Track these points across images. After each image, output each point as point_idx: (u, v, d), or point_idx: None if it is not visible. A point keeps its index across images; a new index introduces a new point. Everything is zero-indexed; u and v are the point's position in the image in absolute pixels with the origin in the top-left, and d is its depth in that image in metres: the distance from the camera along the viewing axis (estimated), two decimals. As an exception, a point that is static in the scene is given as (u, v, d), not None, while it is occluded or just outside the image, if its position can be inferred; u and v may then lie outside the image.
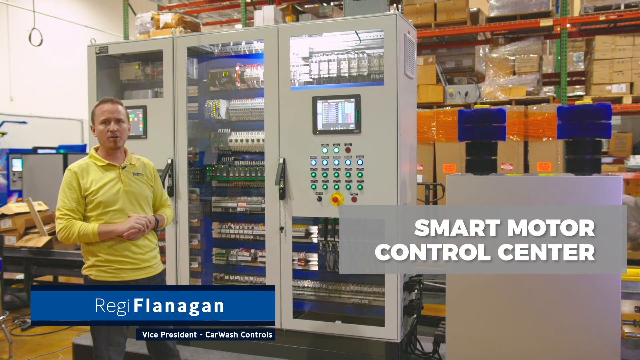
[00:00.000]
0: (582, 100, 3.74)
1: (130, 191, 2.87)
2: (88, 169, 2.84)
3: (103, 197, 2.79)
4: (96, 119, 2.86)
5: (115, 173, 2.86)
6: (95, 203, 2.78)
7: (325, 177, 3.67)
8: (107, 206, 2.79)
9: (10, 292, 6.16)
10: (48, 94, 13.12)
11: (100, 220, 2.78)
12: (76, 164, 2.85)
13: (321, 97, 3.66)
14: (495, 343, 3.09)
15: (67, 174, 2.82)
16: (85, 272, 2.85)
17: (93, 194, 2.78)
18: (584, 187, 2.93)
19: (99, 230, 2.73)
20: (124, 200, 2.84)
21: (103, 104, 2.86)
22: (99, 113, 2.85)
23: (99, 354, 2.80)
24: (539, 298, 3.00)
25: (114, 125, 2.82)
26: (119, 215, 2.81)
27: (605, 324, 2.88)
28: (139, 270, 2.85)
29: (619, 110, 6.60)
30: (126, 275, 2.81)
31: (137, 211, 2.88)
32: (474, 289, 3.13)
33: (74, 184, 2.78)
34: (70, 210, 2.76)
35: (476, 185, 3.15)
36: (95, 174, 2.83)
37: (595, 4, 6.70)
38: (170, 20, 4.98)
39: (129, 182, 2.88)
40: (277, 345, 3.85)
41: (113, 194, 2.81)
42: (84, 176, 2.81)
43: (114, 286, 2.76)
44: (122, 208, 2.82)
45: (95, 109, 2.88)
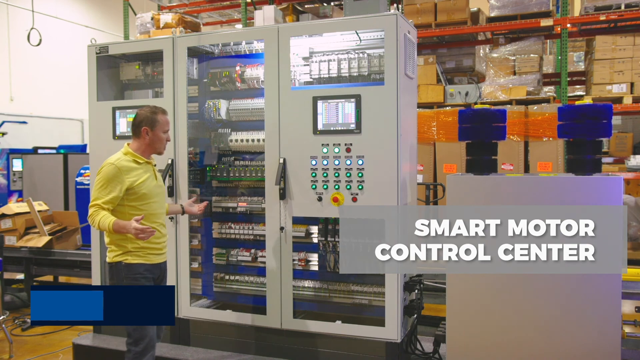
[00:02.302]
0: (582, 100, 3.74)
1: (161, 186, 3.35)
2: (129, 165, 3.13)
3: (147, 190, 3.16)
4: (160, 126, 3.20)
5: (150, 170, 3.24)
6: (140, 194, 3.12)
7: (326, 177, 3.67)
8: (150, 197, 3.18)
9: (10, 292, 6.16)
10: (48, 94, 13.12)
11: (142, 211, 3.12)
12: (118, 160, 3.12)
13: (321, 97, 3.66)
14: (496, 343, 3.09)
15: (109, 169, 3.08)
16: (117, 258, 3.14)
17: (138, 187, 3.11)
18: (584, 187, 2.92)
19: (113, 226, 2.99)
20: (158, 192, 3.27)
21: (165, 115, 3.26)
22: (164, 122, 3.23)
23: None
24: (539, 298, 3.00)
25: (169, 136, 3.31)
26: (157, 206, 3.23)
27: (605, 324, 2.88)
28: (161, 255, 3.26)
29: (620, 110, 6.60)
30: (155, 259, 3.21)
31: (164, 203, 3.37)
32: (474, 289, 3.13)
33: (117, 179, 3.06)
34: (103, 202, 3.04)
35: (476, 185, 3.15)
36: (136, 169, 3.15)
37: (595, 3, 6.69)
38: (170, 20, 4.97)
39: (159, 178, 3.33)
40: (277, 345, 3.85)
41: (152, 187, 3.21)
42: (128, 172, 3.10)
43: (147, 268, 3.15)
44: (158, 199, 3.25)
45: (159, 117, 3.20)
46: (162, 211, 3.30)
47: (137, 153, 3.19)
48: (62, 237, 6.02)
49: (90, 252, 4.67)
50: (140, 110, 3.23)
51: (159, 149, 3.25)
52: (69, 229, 6.12)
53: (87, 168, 6.94)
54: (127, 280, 3.11)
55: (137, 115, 3.21)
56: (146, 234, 2.93)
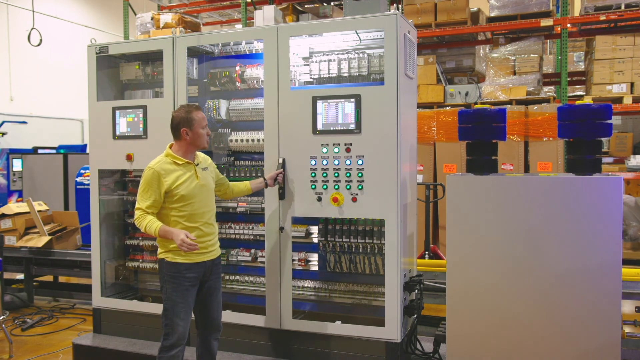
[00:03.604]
0: (582, 100, 3.73)
1: (204, 185, 3.29)
2: (168, 167, 3.18)
3: (185, 192, 3.16)
4: (197, 124, 3.22)
5: (191, 170, 3.23)
6: (178, 197, 3.15)
7: (325, 177, 3.66)
8: (190, 198, 3.18)
9: (10, 292, 6.15)
10: (48, 94, 13.12)
11: (183, 212, 3.16)
12: (157, 163, 3.18)
13: (321, 96, 3.66)
14: (496, 343, 3.09)
15: (148, 173, 3.15)
16: (161, 255, 3.22)
17: (176, 189, 3.14)
18: (585, 187, 2.92)
19: (159, 232, 3.08)
20: (200, 192, 3.24)
21: (200, 112, 3.27)
22: (200, 119, 3.24)
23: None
24: (539, 298, 2.99)
25: (208, 130, 3.31)
26: (199, 205, 3.22)
27: (605, 324, 2.88)
28: (205, 254, 3.25)
29: (620, 110, 6.60)
30: (197, 257, 3.20)
31: (209, 202, 3.31)
32: (474, 289, 3.13)
33: (155, 182, 3.13)
34: (146, 206, 3.13)
35: (476, 185, 3.15)
36: (176, 171, 3.18)
37: (595, 3, 6.69)
38: (170, 20, 4.97)
39: (202, 177, 3.28)
40: (277, 345, 3.85)
41: (192, 188, 3.20)
42: (166, 175, 3.15)
43: (188, 267, 3.18)
44: (200, 200, 3.23)
45: (195, 114, 3.22)
46: (206, 209, 3.28)
47: (178, 154, 3.23)
48: (62, 237, 6.02)
49: (90, 252, 4.68)
50: (175, 113, 3.27)
51: (202, 144, 3.27)
52: (68, 229, 6.12)
53: (87, 168, 6.94)
54: (168, 277, 3.18)
55: (174, 118, 3.25)
56: (189, 248, 3.00)
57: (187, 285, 3.18)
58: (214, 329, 3.40)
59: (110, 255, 4.66)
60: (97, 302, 4.49)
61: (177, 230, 3.07)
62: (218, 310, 3.39)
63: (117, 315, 4.40)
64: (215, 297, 3.36)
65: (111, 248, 4.67)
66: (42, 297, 6.32)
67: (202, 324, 3.39)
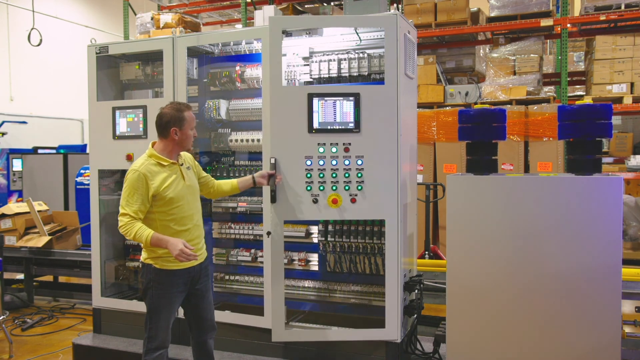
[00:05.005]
0: (582, 100, 3.73)
1: (190, 185, 3.17)
2: (154, 169, 3.02)
3: (173, 194, 3.03)
4: (187, 124, 3.09)
5: (177, 171, 3.11)
6: (167, 199, 3.01)
7: (322, 177, 3.53)
8: (178, 201, 3.05)
9: (10, 292, 6.16)
10: (48, 94, 13.12)
11: (172, 215, 3.03)
12: (141, 165, 3.01)
13: (317, 94, 3.52)
14: (496, 343, 3.09)
15: (134, 176, 2.98)
16: (148, 261, 3.08)
17: (164, 191, 3.00)
18: (585, 187, 2.92)
19: (151, 240, 2.92)
20: (187, 194, 3.12)
21: (190, 111, 3.13)
22: (191, 119, 3.11)
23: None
24: (539, 298, 2.99)
25: (195, 131, 3.19)
26: (187, 207, 3.10)
27: (605, 324, 2.88)
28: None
29: (620, 110, 6.60)
30: (187, 263, 3.06)
31: (196, 202, 3.21)
32: (474, 289, 3.13)
33: (142, 186, 2.97)
34: (133, 212, 2.95)
35: (476, 185, 3.15)
36: (161, 173, 3.04)
37: (595, 3, 6.69)
38: (170, 20, 4.97)
39: (188, 177, 3.17)
40: (278, 345, 3.85)
41: (180, 189, 3.08)
42: (152, 177, 3.00)
43: (177, 274, 3.07)
44: (187, 202, 3.11)
45: (186, 114, 3.09)
46: (194, 211, 3.16)
47: (163, 155, 3.07)
48: (62, 237, 6.02)
49: (90, 252, 4.68)
50: (164, 109, 3.08)
51: (188, 146, 3.15)
52: (68, 229, 6.12)
53: (87, 168, 6.93)
54: (155, 283, 3.04)
55: (163, 115, 3.06)
56: (187, 259, 2.89)
57: (174, 292, 3.07)
58: (210, 330, 3.33)
59: (110, 255, 4.66)
60: (97, 302, 4.49)
61: (173, 240, 2.90)
62: (211, 310, 3.32)
63: (117, 315, 4.40)
64: (207, 299, 3.28)
65: (111, 248, 4.67)
66: (42, 297, 6.32)
67: (197, 326, 3.30)
